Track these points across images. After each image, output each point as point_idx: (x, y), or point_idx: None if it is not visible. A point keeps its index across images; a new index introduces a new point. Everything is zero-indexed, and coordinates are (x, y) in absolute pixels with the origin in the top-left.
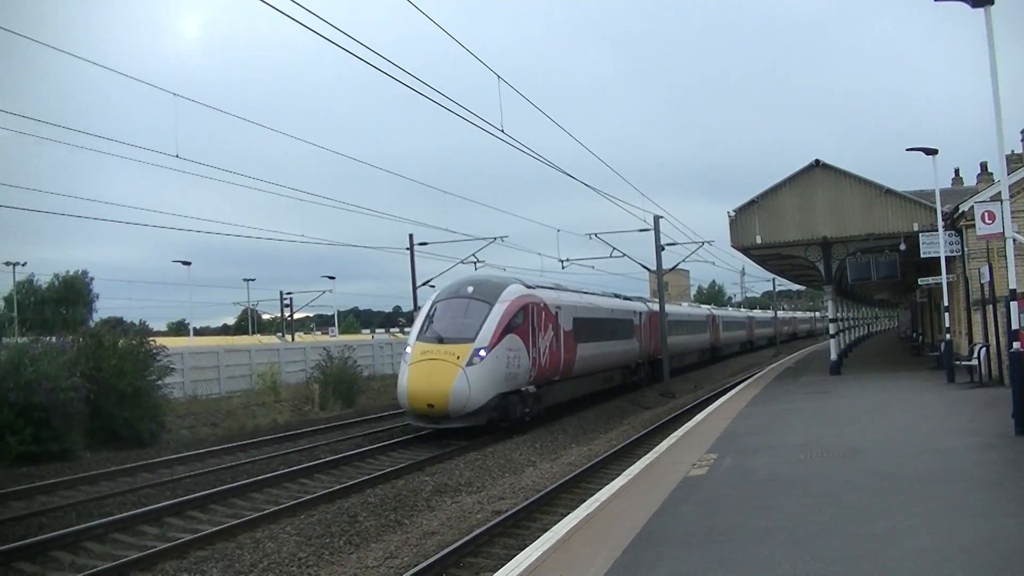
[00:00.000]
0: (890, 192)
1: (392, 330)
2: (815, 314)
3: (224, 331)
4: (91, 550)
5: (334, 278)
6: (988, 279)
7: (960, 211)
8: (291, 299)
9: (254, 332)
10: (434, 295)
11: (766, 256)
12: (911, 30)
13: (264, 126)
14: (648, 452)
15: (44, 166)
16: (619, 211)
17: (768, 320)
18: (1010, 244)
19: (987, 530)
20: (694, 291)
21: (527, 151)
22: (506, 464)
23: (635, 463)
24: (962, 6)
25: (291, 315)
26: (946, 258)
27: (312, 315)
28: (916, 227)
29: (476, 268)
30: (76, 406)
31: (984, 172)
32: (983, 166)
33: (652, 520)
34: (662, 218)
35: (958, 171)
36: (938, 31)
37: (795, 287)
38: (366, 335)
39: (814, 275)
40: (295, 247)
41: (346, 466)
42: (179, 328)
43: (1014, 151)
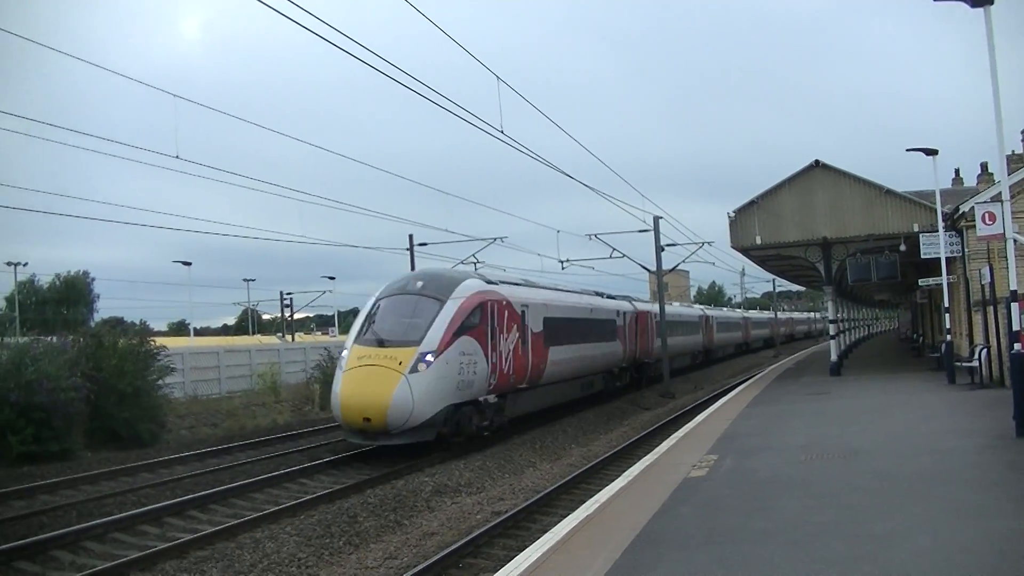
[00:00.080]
0: (890, 192)
1: None
2: (815, 315)
3: (224, 331)
4: (91, 550)
5: (334, 278)
6: (989, 280)
7: (960, 212)
8: (291, 299)
9: (254, 332)
10: (378, 291)
11: (766, 257)
12: (911, 30)
13: (264, 126)
14: (648, 453)
15: (44, 167)
16: (619, 212)
17: (765, 321)
18: (1011, 245)
19: (987, 531)
20: (694, 292)
21: (527, 152)
22: (506, 465)
23: (635, 464)
24: (962, 6)
25: (291, 315)
26: (946, 259)
27: (312, 315)
28: (916, 228)
29: (476, 268)
30: (76, 406)
31: (984, 172)
32: (983, 166)
33: (652, 521)
34: (662, 219)
35: (958, 171)
36: (938, 31)
37: (795, 288)
38: None
39: (814, 276)
40: (295, 247)
41: (346, 466)
42: (179, 328)
43: (1014, 151)
